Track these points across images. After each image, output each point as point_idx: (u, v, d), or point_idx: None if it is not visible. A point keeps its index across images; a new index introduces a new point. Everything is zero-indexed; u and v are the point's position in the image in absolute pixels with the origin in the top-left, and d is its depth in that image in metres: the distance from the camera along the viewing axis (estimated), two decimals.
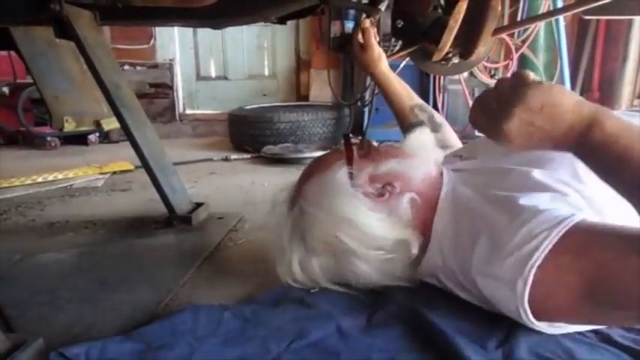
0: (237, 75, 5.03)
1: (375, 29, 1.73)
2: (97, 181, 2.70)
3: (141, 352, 0.97)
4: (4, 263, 1.52)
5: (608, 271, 0.81)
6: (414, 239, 1.12)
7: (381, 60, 1.76)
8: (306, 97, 4.68)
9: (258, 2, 1.82)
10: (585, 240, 0.85)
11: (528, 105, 0.78)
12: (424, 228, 1.14)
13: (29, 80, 3.63)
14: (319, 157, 1.32)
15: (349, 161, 1.17)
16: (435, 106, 3.82)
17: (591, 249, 0.84)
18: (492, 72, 3.72)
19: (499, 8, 1.47)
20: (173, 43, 4.92)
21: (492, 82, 3.68)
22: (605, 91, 3.82)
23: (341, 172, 1.16)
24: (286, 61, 4.96)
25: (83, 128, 2.08)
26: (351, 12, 3.71)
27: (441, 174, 1.21)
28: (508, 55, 3.67)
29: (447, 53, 1.63)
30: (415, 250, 1.12)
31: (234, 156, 3.44)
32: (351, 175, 1.16)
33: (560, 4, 3.26)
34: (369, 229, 1.10)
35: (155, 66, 4.79)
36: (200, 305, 1.14)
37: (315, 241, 1.16)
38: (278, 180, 2.53)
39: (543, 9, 3.43)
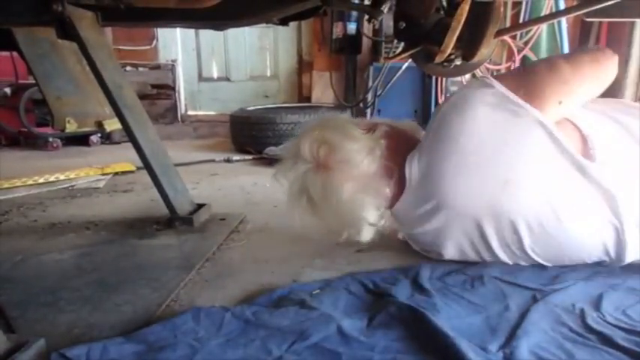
0: (239, 76, 5.04)
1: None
2: (98, 182, 2.70)
3: (142, 353, 0.97)
4: (5, 264, 1.52)
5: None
6: (379, 146, 1.40)
7: None
8: (308, 99, 4.68)
9: (260, 3, 1.83)
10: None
11: None
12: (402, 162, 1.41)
13: (31, 81, 3.65)
14: None
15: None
16: None
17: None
18: (494, 74, 3.71)
19: (501, 10, 1.47)
20: (175, 44, 4.94)
21: None
22: (607, 93, 3.82)
23: (345, 114, 1.77)
24: (288, 62, 4.97)
25: (85, 129, 2.09)
26: (353, 14, 3.73)
27: None
28: (510, 57, 3.66)
29: (450, 55, 1.63)
30: (379, 152, 1.39)
31: (235, 157, 3.45)
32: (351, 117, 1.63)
33: (562, 6, 3.25)
34: (351, 134, 1.41)
35: (157, 67, 4.81)
36: (201, 306, 1.14)
37: (306, 150, 1.40)
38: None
39: (546, 11, 3.42)
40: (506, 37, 3.46)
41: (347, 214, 1.40)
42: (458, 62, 1.72)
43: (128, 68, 4.59)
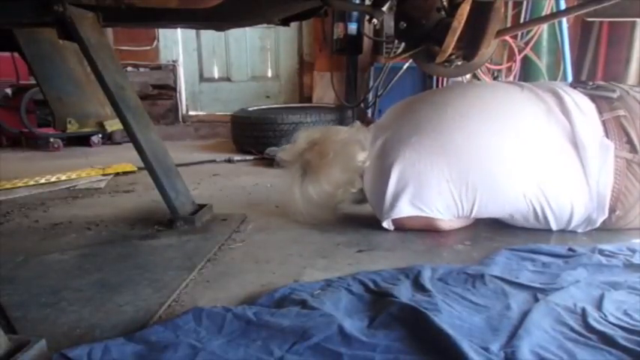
0: (240, 76, 5.04)
1: None
2: (99, 183, 2.70)
3: (143, 353, 0.97)
4: (7, 264, 1.52)
5: None
6: (357, 124, 1.86)
7: None
8: (309, 99, 4.68)
9: (261, 4, 1.83)
10: None
11: None
12: None
13: (32, 82, 3.65)
14: None
15: None
16: None
17: None
18: (495, 74, 3.71)
19: (502, 10, 1.47)
20: (176, 44, 4.94)
21: None
22: None
23: None
24: (289, 62, 4.97)
25: (86, 129, 2.09)
26: (354, 14, 3.73)
27: None
28: (511, 57, 3.66)
29: (450, 55, 1.63)
30: (357, 126, 1.85)
31: (237, 157, 3.45)
32: None
33: (563, 6, 3.25)
34: (336, 126, 1.95)
35: (158, 67, 4.81)
36: (203, 307, 1.15)
37: (304, 137, 1.81)
38: (281, 181, 2.53)
39: (546, 11, 3.42)
40: (507, 37, 3.46)
41: (341, 163, 1.72)
42: (459, 62, 1.73)
43: (129, 69, 4.58)
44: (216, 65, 5.06)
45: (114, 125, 2.06)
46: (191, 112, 5.05)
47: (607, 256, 1.42)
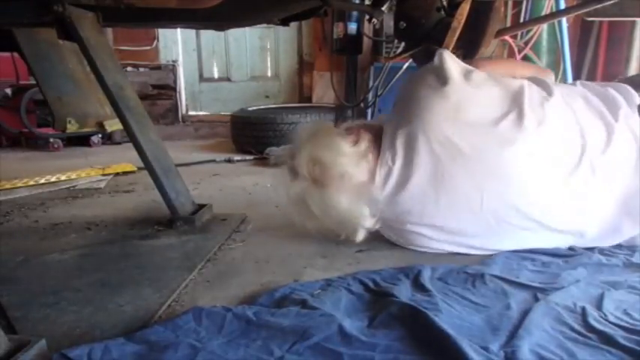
0: (240, 76, 5.04)
1: None
2: (99, 183, 2.70)
3: (143, 353, 0.97)
4: (7, 264, 1.52)
5: None
6: (366, 157, 1.51)
7: None
8: (308, 99, 4.68)
9: (261, 4, 1.83)
10: None
11: None
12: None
13: (32, 82, 3.65)
14: None
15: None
16: None
17: None
18: None
19: (502, 10, 1.48)
20: (176, 44, 4.94)
21: None
22: None
23: (328, 123, 1.80)
24: (289, 62, 4.97)
25: (86, 129, 2.09)
26: (354, 14, 3.73)
27: None
28: (511, 57, 3.66)
29: None
30: (366, 161, 1.51)
31: (237, 157, 3.45)
32: (334, 125, 1.68)
33: (562, 6, 3.25)
34: (341, 150, 1.50)
35: (158, 67, 4.81)
36: (203, 307, 1.15)
37: (303, 169, 1.50)
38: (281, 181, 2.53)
39: (546, 10, 3.42)
40: (507, 37, 3.46)
41: (345, 222, 1.52)
42: None
43: (129, 69, 4.59)
44: (216, 65, 5.06)
45: (114, 125, 2.06)
46: (191, 112, 5.06)
47: (607, 255, 1.42)
